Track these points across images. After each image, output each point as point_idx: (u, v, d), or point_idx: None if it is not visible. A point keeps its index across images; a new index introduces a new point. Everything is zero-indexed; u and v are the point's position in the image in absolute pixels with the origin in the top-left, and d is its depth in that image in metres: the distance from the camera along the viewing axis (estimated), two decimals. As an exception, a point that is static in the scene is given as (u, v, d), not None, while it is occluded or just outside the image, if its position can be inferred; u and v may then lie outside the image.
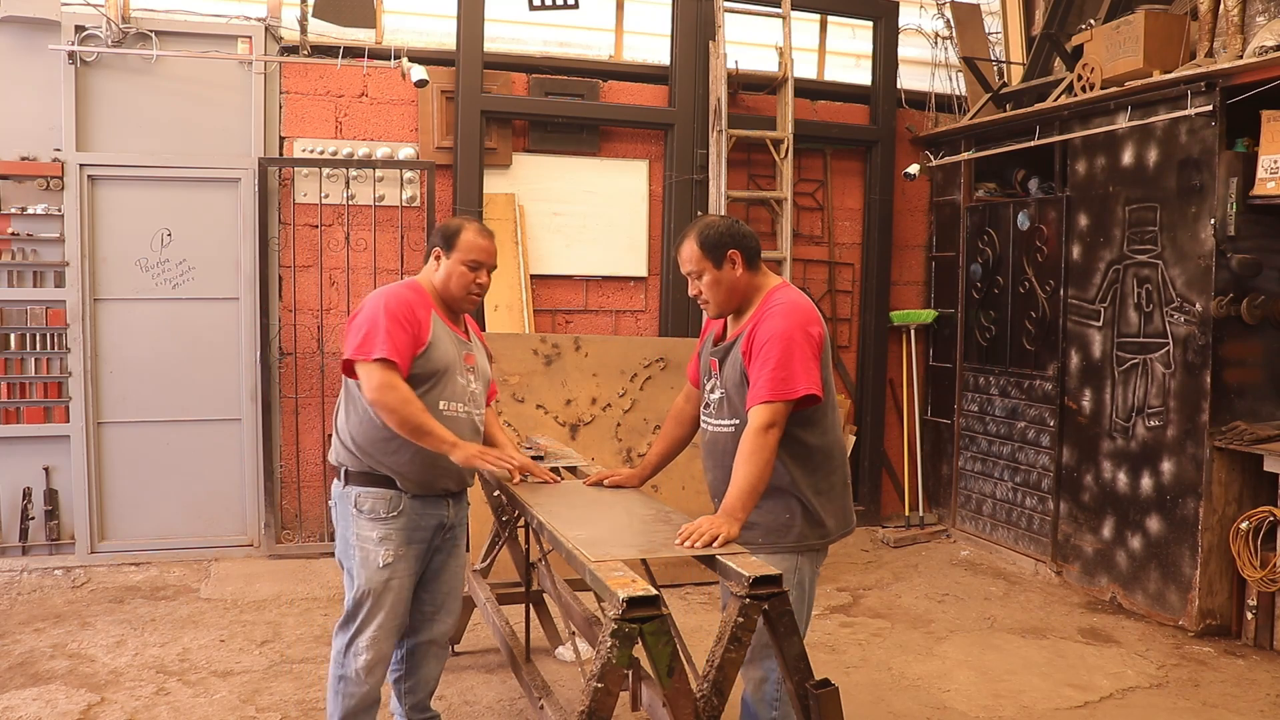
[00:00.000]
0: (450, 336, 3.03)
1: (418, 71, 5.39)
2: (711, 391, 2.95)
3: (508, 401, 5.42)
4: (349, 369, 2.92)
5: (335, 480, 3.07)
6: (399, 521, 2.98)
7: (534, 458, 3.73)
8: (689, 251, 2.87)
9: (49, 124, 5.35)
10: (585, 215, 6.21)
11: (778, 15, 6.20)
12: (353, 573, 2.99)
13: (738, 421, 2.82)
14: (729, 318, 2.97)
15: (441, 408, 2.97)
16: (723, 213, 5.93)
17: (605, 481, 3.27)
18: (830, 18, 6.79)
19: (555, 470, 3.78)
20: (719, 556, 2.46)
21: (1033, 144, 5.74)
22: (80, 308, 5.41)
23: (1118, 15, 5.39)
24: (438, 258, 3.04)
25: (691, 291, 2.95)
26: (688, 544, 2.52)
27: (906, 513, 6.78)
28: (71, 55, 5.29)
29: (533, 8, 5.95)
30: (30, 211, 5.34)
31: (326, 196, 5.73)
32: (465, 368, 3.06)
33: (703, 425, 3.01)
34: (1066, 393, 5.60)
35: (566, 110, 6.05)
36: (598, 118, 6.14)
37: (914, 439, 6.84)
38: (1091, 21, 5.69)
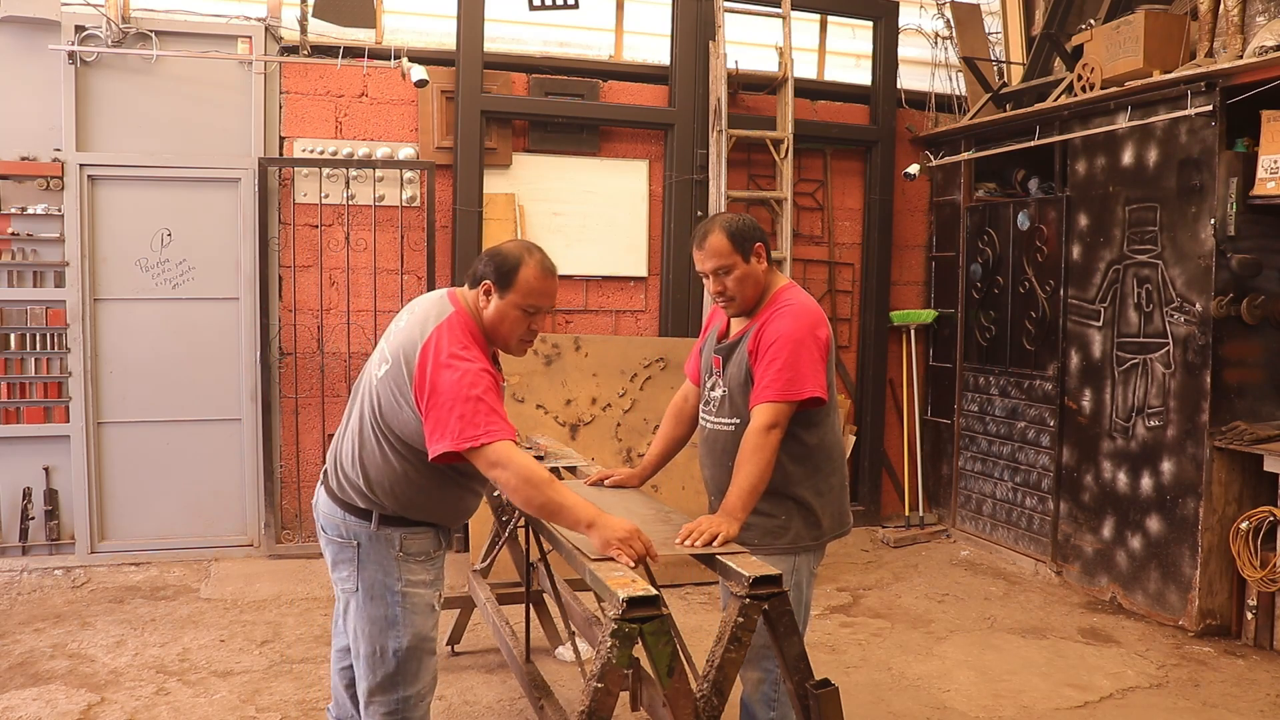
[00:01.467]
0: (500, 389, 2.64)
1: (418, 71, 5.38)
2: (712, 389, 2.94)
3: (508, 401, 5.42)
4: (449, 457, 2.47)
5: (350, 516, 2.65)
6: (442, 559, 2.73)
7: (534, 458, 3.73)
8: (719, 245, 2.78)
9: (49, 124, 5.35)
10: (585, 215, 6.21)
11: (778, 15, 6.20)
12: (397, 621, 2.62)
13: (739, 420, 2.82)
14: (733, 316, 2.96)
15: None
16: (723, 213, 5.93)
17: (606, 481, 3.27)
18: (830, 18, 6.79)
19: (555, 471, 3.79)
20: (719, 556, 2.46)
21: (1033, 144, 5.74)
22: (80, 308, 5.41)
23: (1118, 15, 5.39)
24: (488, 292, 2.58)
25: (715, 288, 2.84)
26: (688, 543, 2.53)
27: (906, 513, 6.78)
28: (71, 55, 5.29)
29: (533, 8, 5.95)
30: (30, 211, 5.34)
31: (326, 196, 5.73)
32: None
33: (702, 423, 3.00)
34: (1066, 393, 5.60)
35: (566, 110, 6.05)
36: (598, 118, 6.14)
37: (914, 439, 6.84)
38: (1091, 21, 5.69)
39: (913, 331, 6.83)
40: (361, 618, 2.66)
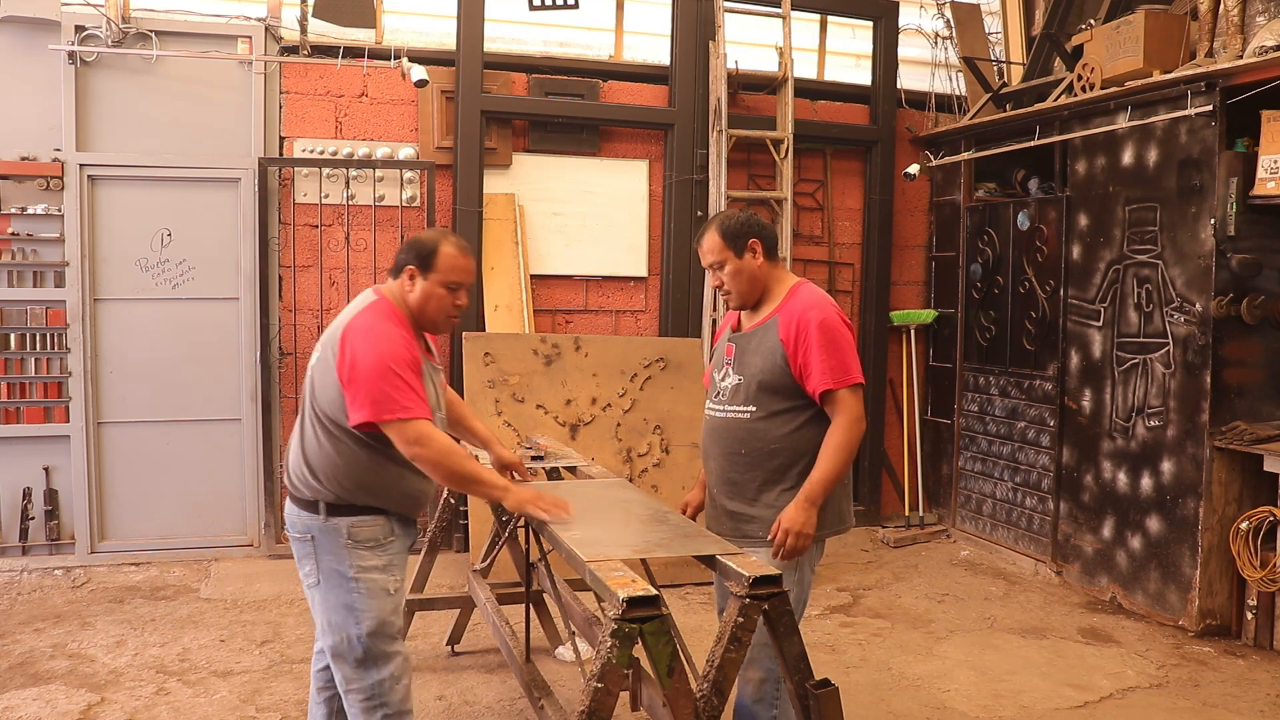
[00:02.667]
0: (429, 369, 2.82)
1: (418, 71, 5.38)
2: (724, 379, 2.97)
3: (508, 401, 5.42)
4: (366, 426, 2.63)
5: (303, 512, 2.76)
6: (395, 545, 2.81)
7: (534, 458, 3.74)
8: (711, 242, 2.93)
9: (49, 124, 5.35)
10: (585, 215, 6.21)
11: (778, 15, 6.20)
12: (355, 607, 2.73)
13: (754, 408, 2.86)
14: (745, 311, 3.01)
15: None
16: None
17: (688, 510, 3.20)
18: (830, 18, 6.79)
19: (555, 471, 3.79)
20: (719, 556, 2.46)
21: (1033, 144, 5.74)
22: (80, 308, 5.41)
23: (1118, 15, 5.39)
24: (412, 277, 2.77)
25: (713, 283, 2.99)
26: (780, 556, 2.71)
27: (906, 513, 6.78)
28: (71, 55, 5.29)
29: (533, 8, 5.95)
30: (30, 211, 5.34)
31: (326, 196, 5.73)
32: (440, 397, 2.90)
33: (708, 414, 3.02)
34: (1066, 393, 5.60)
35: (566, 110, 6.04)
36: (598, 118, 6.14)
37: (914, 439, 6.84)
38: (1091, 21, 5.69)
39: (913, 331, 6.83)
40: (326, 608, 2.77)
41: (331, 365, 2.67)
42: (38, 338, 5.41)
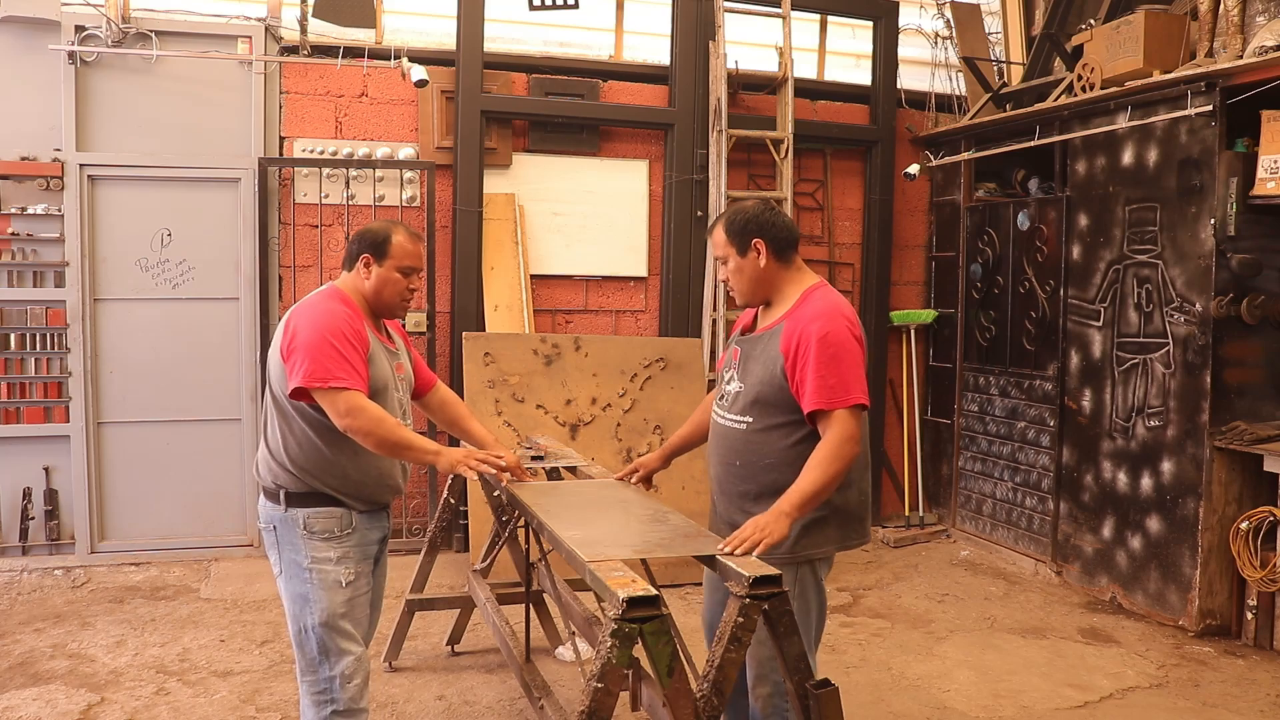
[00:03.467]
0: (383, 350, 2.89)
1: (418, 71, 5.38)
2: (728, 383, 2.88)
3: (508, 401, 5.42)
4: (297, 394, 2.72)
5: (268, 503, 2.86)
6: (354, 538, 2.85)
7: (534, 458, 3.73)
8: (717, 235, 2.84)
9: (49, 124, 5.35)
10: (585, 215, 6.21)
11: (778, 15, 6.20)
12: (309, 598, 2.80)
13: (751, 420, 2.76)
14: (759, 311, 2.91)
15: None
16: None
17: (634, 478, 3.22)
18: (830, 18, 6.78)
19: (555, 471, 3.78)
20: (719, 556, 2.46)
21: (1033, 144, 5.74)
22: (80, 308, 5.41)
23: (1118, 15, 5.39)
24: (367, 264, 2.87)
25: (720, 277, 2.91)
26: (735, 551, 2.44)
27: (906, 513, 6.78)
28: (71, 55, 5.29)
29: (533, 8, 5.95)
30: (30, 211, 5.34)
31: (326, 196, 5.73)
32: (397, 379, 2.94)
33: (714, 416, 2.94)
34: (1066, 393, 5.60)
35: (566, 110, 6.04)
36: (598, 118, 6.14)
37: (914, 439, 6.84)
38: (1091, 21, 5.69)
39: (913, 331, 6.83)
40: (286, 598, 2.88)
41: (278, 345, 2.79)
42: (38, 338, 5.41)
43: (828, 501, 2.72)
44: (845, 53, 6.90)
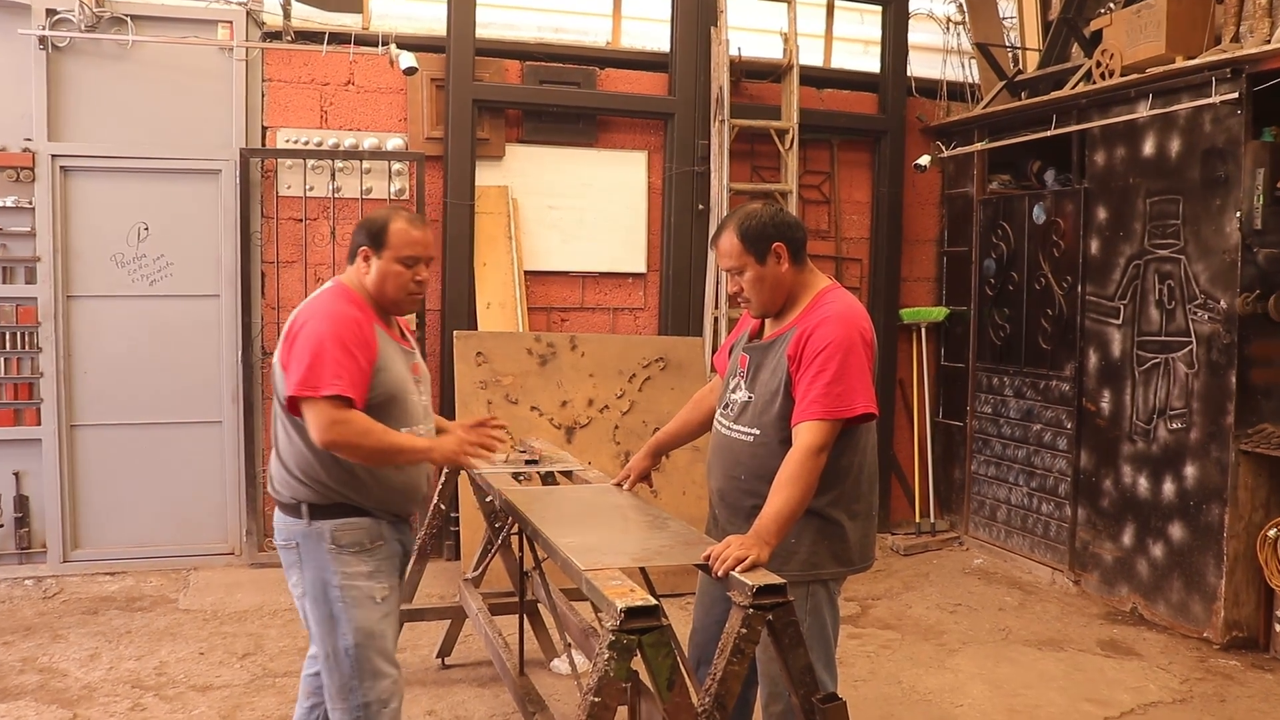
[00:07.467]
0: (396, 350, 2.81)
1: (406, 58, 5.37)
2: (734, 391, 2.85)
3: (501, 403, 5.41)
4: (293, 405, 2.66)
5: (287, 518, 2.78)
6: (384, 550, 2.78)
7: (528, 461, 3.73)
8: (729, 245, 2.74)
9: (19, 112, 5.33)
10: (582, 209, 6.20)
11: (782, -1, 6.20)
12: (340, 618, 2.71)
13: (759, 432, 2.73)
14: (755, 317, 2.88)
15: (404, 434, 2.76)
16: (726, 206, 5.93)
17: (626, 484, 3.21)
18: (837, 2, 6.79)
19: (550, 476, 3.78)
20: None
21: (1049, 134, 5.73)
22: (52, 305, 5.39)
23: (1138, -1, 5.39)
24: (366, 258, 2.78)
25: (731, 289, 2.83)
26: (715, 566, 2.42)
27: (917, 519, 6.77)
28: (43, 40, 5.28)
29: (526, -9, 5.95)
30: None
31: (311, 189, 5.72)
32: (414, 380, 2.86)
33: (716, 425, 2.92)
34: (1084, 394, 5.59)
35: (562, 99, 6.03)
36: (595, 107, 6.13)
37: (925, 442, 6.83)
38: (1111, 5, 5.69)
39: (923, 330, 6.82)
40: (313, 620, 2.77)
41: (279, 350, 2.73)
42: (7, 336, 5.39)
43: (853, 515, 2.74)
44: (853, 39, 6.90)
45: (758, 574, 2.36)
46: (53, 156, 5.36)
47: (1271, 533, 4.56)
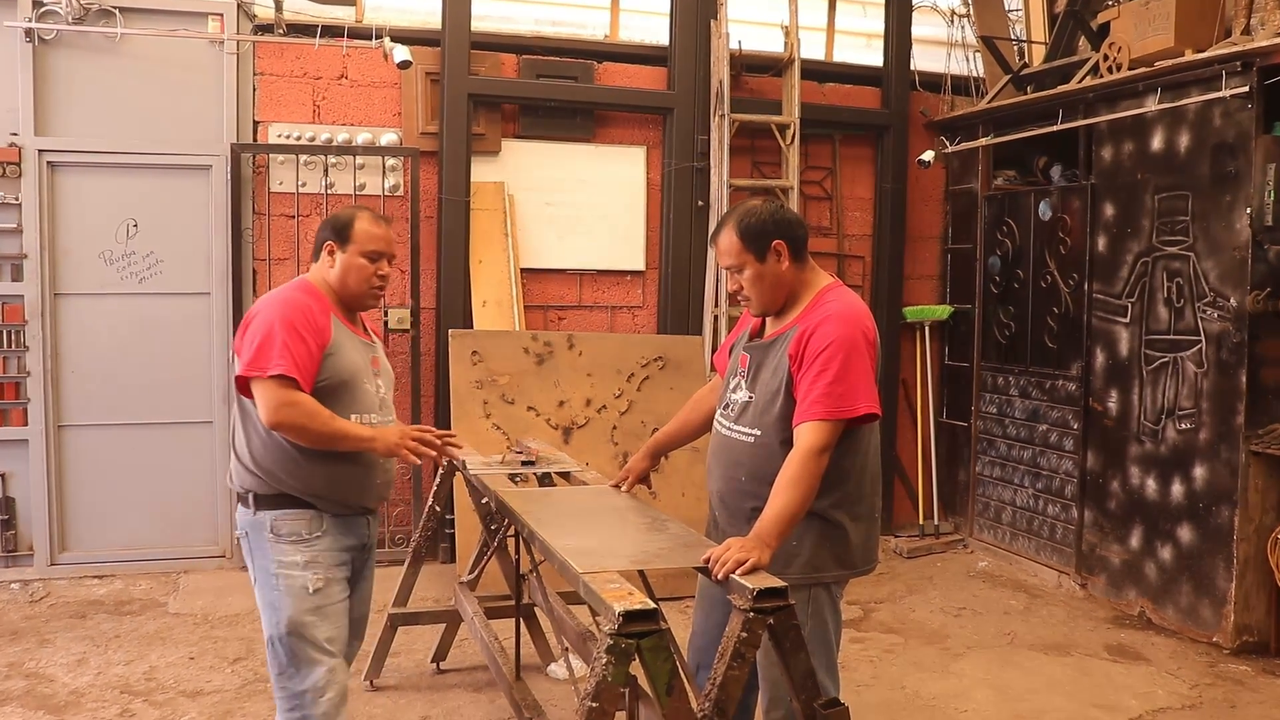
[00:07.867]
0: (353, 340, 2.92)
1: (401, 52, 5.35)
2: (734, 391, 2.84)
3: (497, 403, 5.38)
4: (244, 387, 2.77)
5: (240, 508, 2.91)
6: (323, 542, 2.86)
7: (524, 462, 3.71)
8: (728, 243, 2.74)
9: (5, 107, 5.30)
10: (579, 205, 6.18)
11: (784, -8, 6.18)
12: (277, 606, 2.83)
13: (759, 433, 2.72)
14: (755, 315, 2.87)
15: (353, 421, 2.85)
16: (726, 203, 5.91)
17: (624, 485, 3.21)
18: (839, -5, 6.78)
19: (547, 477, 3.76)
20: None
21: (1055, 128, 5.71)
22: (39, 303, 5.37)
23: (1146, -9, 5.36)
24: (330, 252, 2.95)
25: (731, 287, 2.83)
26: (715, 569, 2.40)
27: (921, 521, 6.75)
28: (29, 33, 5.25)
29: (523, -16, 5.93)
30: (-14, 200, 5.31)
31: (304, 185, 5.69)
32: (372, 372, 2.96)
33: (716, 426, 2.91)
34: (1091, 394, 5.57)
35: (559, 93, 6.01)
36: (592, 101, 6.11)
37: (928, 443, 6.81)
38: (1118, -2, 5.67)
39: (927, 328, 6.80)
40: (260, 607, 2.91)
41: (235, 339, 2.88)
42: (-6, 335, 5.37)
43: (856, 517, 2.73)
44: (855, 32, 6.89)
45: (758, 577, 2.35)
46: (39, 151, 5.34)
47: (1282, 535, 4.53)
